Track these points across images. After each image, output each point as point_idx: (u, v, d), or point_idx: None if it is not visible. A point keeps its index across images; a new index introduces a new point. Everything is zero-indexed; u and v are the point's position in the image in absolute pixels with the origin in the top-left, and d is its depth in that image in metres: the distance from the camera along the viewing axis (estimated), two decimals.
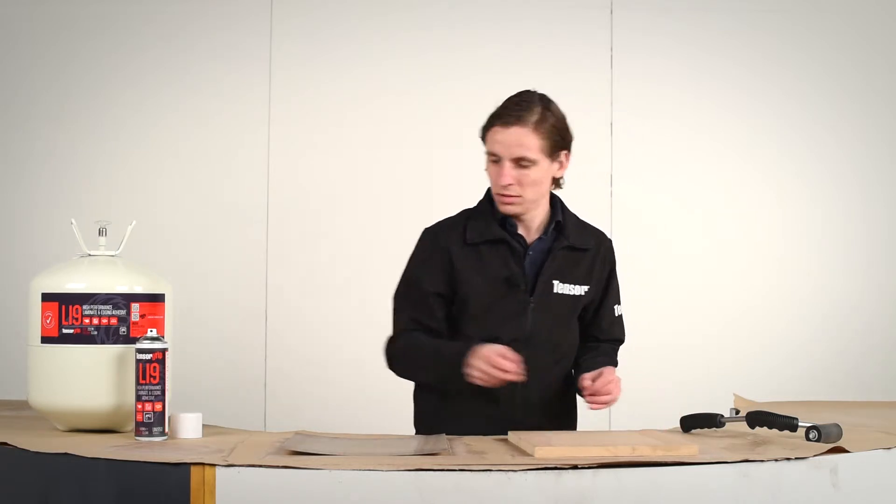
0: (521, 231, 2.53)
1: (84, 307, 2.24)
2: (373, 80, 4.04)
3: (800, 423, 2.19)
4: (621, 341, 2.71)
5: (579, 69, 4.08)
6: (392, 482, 1.85)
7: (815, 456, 1.97)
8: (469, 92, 4.07)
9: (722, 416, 2.34)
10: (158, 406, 2.19)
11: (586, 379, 2.45)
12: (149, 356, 2.19)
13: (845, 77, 4.11)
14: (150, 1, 4.01)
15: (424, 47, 4.06)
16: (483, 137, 2.50)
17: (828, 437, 2.12)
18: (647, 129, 4.08)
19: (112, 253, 2.37)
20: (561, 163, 2.51)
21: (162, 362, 2.20)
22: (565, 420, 2.60)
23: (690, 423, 2.37)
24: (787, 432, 2.21)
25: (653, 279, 4.06)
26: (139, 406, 2.18)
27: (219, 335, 3.96)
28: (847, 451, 2.01)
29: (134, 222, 2.42)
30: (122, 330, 2.26)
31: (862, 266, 4.10)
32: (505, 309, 2.48)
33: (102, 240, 2.37)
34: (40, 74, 4.00)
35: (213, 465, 1.87)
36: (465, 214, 2.57)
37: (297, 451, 1.98)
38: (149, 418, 2.18)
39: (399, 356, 2.54)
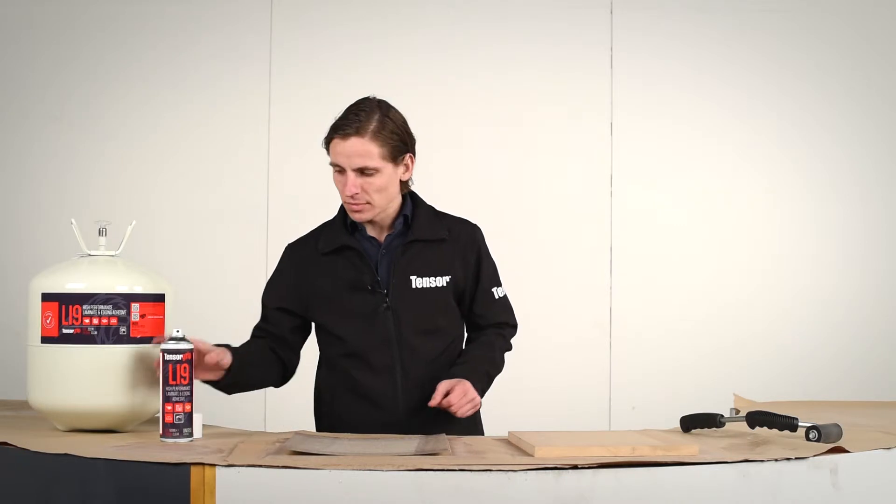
0: (372, 233, 2.55)
1: (84, 307, 2.24)
2: (373, 79, 4.02)
3: (800, 423, 2.18)
4: (509, 324, 2.64)
5: (579, 69, 4.08)
6: (392, 482, 1.85)
7: (815, 456, 1.97)
8: (469, 92, 4.09)
9: (722, 416, 2.34)
10: (188, 407, 2.20)
11: (440, 391, 2.39)
12: (178, 357, 2.20)
13: (845, 77, 4.12)
14: (150, 1, 4.02)
15: (424, 47, 4.06)
16: (326, 149, 2.51)
17: (828, 437, 2.12)
18: (647, 129, 4.09)
19: (112, 253, 2.37)
20: (406, 166, 2.51)
21: (191, 363, 2.21)
22: (465, 420, 2.47)
23: (690, 423, 2.36)
24: (787, 432, 2.21)
25: (653, 279, 4.07)
26: (168, 407, 2.18)
27: (219, 335, 3.95)
28: (847, 451, 2.01)
29: (134, 222, 2.42)
30: (122, 330, 2.26)
31: (862, 266, 4.10)
32: (362, 312, 2.47)
33: (102, 240, 2.37)
34: (40, 74, 4.00)
35: (213, 465, 1.87)
36: (322, 226, 2.63)
37: (298, 451, 1.98)
38: (179, 419, 2.19)
39: None
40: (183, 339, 2.22)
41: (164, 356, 2.20)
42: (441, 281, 2.53)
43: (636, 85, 4.08)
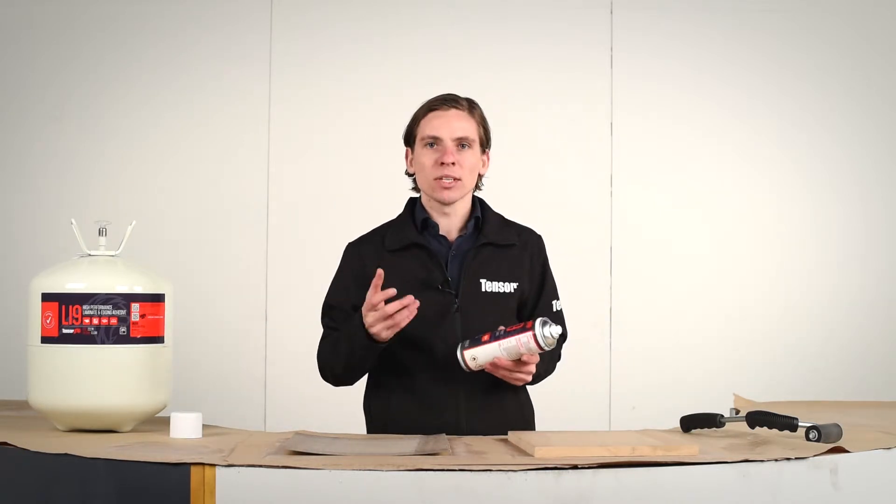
0: (443, 232, 2.53)
1: (84, 307, 2.24)
2: (373, 79, 4.04)
3: (800, 423, 2.19)
4: (563, 336, 2.63)
5: (579, 69, 4.08)
6: (392, 482, 1.85)
7: (815, 456, 1.97)
8: (469, 92, 4.05)
9: (722, 416, 2.34)
10: None
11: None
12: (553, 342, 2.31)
13: (845, 77, 4.12)
14: (150, 1, 4.02)
15: (424, 47, 4.06)
16: (412, 130, 2.53)
17: (828, 437, 2.12)
18: (647, 129, 4.09)
19: (112, 253, 2.37)
20: (484, 161, 2.56)
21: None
22: (518, 425, 2.47)
23: (690, 423, 2.36)
24: (787, 432, 2.21)
25: (653, 279, 4.07)
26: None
27: (219, 335, 3.96)
28: (847, 451, 2.01)
29: (134, 222, 2.42)
30: (122, 330, 2.26)
31: (862, 266, 4.10)
32: (430, 312, 2.41)
33: (102, 240, 2.37)
34: (40, 74, 4.00)
35: (213, 465, 1.87)
36: (386, 224, 2.61)
37: (298, 451, 1.98)
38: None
39: (322, 358, 2.54)
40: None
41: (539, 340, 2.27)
42: (509, 287, 2.50)
43: (636, 85, 4.08)
